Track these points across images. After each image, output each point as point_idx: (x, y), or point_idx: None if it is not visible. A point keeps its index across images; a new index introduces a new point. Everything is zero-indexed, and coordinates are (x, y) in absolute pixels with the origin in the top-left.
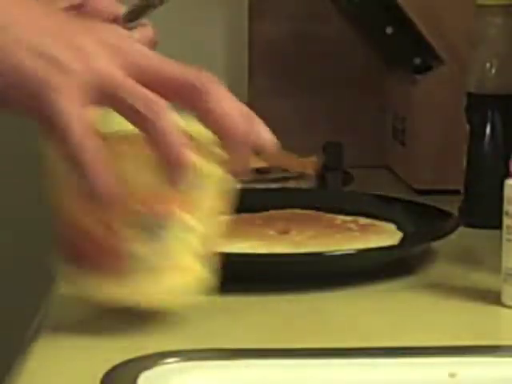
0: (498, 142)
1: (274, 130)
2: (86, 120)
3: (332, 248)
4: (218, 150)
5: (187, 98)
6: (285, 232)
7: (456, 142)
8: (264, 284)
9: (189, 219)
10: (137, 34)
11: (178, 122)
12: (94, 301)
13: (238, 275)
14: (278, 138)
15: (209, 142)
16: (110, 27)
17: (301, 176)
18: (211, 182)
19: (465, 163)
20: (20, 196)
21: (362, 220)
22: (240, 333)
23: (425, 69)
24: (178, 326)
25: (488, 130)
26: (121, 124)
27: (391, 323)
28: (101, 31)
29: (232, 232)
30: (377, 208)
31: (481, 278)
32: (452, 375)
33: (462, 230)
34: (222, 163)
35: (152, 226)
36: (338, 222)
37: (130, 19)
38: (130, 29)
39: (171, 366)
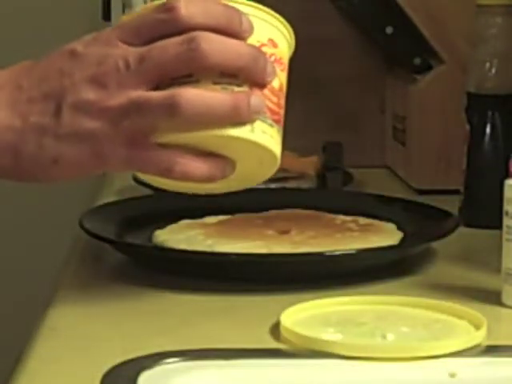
0: (498, 142)
1: None
2: None
3: (332, 248)
4: None
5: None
6: (285, 232)
7: (456, 142)
8: (264, 284)
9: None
10: None
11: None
12: None
13: (238, 275)
14: None
15: None
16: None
17: (301, 176)
18: None
19: (465, 163)
20: (20, 198)
21: (362, 220)
22: (240, 333)
23: (425, 69)
24: (178, 326)
25: (488, 129)
26: None
27: None
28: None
29: (232, 232)
30: (377, 208)
31: (481, 278)
32: (452, 375)
33: (461, 229)
34: None
35: None
36: (338, 222)
37: None
38: None
39: (171, 365)
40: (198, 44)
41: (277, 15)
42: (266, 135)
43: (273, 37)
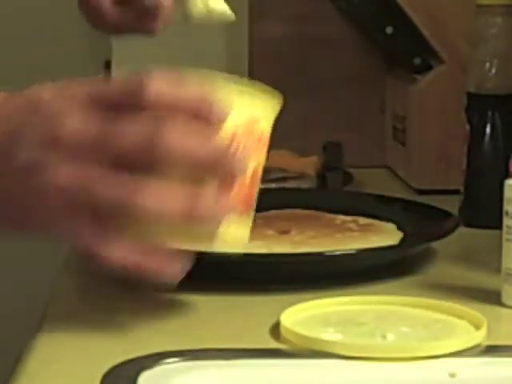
0: (498, 142)
1: (274, 130)
2: None
3: (332, 248)
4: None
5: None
6: (285, 232)
7: (456, 142)
8: (264, 284)
9: None
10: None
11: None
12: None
13: (238, 275)
14: (278, 138)
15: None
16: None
17: (301, 176)
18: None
19: (465, 163)
20: None
21: (362, 220)
22: (240, 333)
23: (425, 69)
24: (178, 326)
25: (488, 129)
26: None
27: None
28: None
29: None
30: (377, 208)
31: (481, 278)
32: (452, 375)
33: (461, 229)
34: None
35: None
36: (338, 221)
37: None
38: None
39: (171, 365)
40: (160, 138)
41: (262, 86)
42: (230, 230)
43: (255, 114)
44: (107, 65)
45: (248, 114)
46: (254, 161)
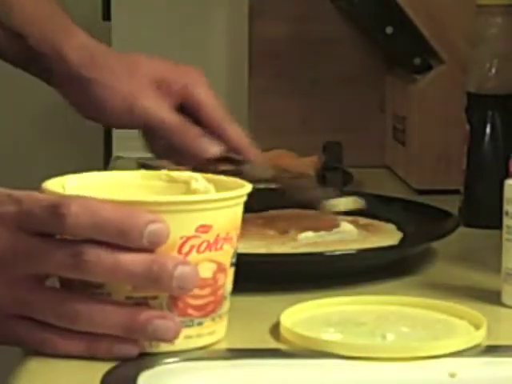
0: (498, 142)
1: (274, 130)
2: None
3: (332, 248)
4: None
5: None
6: (285, 232)
7: (456, 142)
8: (264, 284)
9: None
10: None
11: None
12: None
13: (238, 275)
14: (277, 138)
15: None
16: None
17: (301, 176)
18: None
19: (465, 163)
20: None
21: (362, 220)
22: (239, 333)
23: (425, 69)
24: None
25: (488, 130)
26: None
27: None
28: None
29: None
30: (377, 208)
31: (481, 278)
32: (452, 375)
33: (462, 229)
34: None
35: None
36: (338, 222)
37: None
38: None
39: (171, 365)
40: (85, 262)
41: (218, 178)
42: (192, 339)
43: (204, 221)
44: None
45: (196, 225)
46: (211, 265)
